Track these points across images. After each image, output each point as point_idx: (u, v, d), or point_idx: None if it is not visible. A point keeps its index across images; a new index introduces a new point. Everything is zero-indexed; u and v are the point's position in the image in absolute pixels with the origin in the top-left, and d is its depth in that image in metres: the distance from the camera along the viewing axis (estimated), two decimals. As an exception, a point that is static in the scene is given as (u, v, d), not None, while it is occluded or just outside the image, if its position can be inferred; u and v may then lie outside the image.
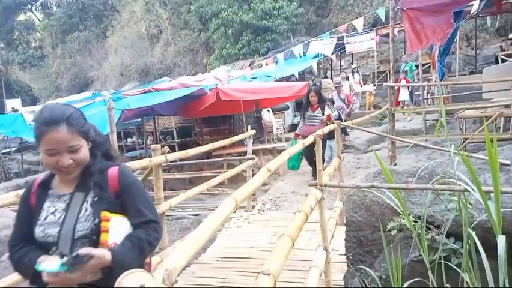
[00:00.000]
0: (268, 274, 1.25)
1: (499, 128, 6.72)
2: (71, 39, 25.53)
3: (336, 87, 8.17)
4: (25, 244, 1.41)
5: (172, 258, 1.00)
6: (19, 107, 19.51)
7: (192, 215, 6.45)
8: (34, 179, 1.55)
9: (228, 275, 3.31)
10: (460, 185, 2.60)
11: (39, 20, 31.20)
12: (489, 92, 7.24)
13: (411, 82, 10.81)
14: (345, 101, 8.32)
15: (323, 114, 6.25)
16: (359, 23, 10.86)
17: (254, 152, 5.33)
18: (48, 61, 27.28)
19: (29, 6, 29.96)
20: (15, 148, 16.94)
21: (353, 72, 12.61)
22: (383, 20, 9.99)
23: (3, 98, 22.61)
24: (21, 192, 2.01)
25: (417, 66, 12.13)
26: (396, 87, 8.83)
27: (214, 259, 3.71)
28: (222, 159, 7.29)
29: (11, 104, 20.37)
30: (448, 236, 3.44)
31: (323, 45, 12.67)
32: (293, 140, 6.82)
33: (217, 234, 4.34)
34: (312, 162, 6.31)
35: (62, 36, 26.37)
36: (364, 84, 13.11)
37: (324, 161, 6.26)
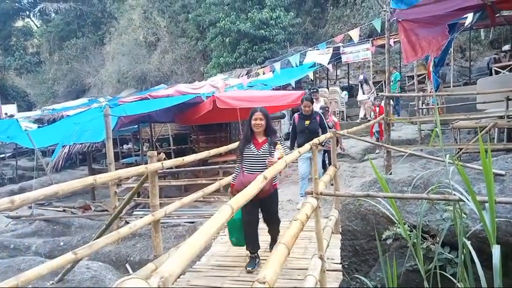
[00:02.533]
0: (264, 283, 1.25)
1: (493, 138, 6.78)
2: (69, 45, 25.56)
3: (322, 113, 7.18)
4: None
5: (168, 265, 0.99)
6: (15, 112, 19.42)
7: (187, 222, 6.43)
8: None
9: (223, 283, 3.28)
10: (454, 194, 2.61)
11: (37, 26, 31.26)
12: (483, 103, 7.33)
13: (395, 92, 10.76)
14: (334, 128, 8.02)
15: (270, 153, 3.61)
16: (355, 33, 10.93)
17: (250, 160, 5.30)
18: (45, 67, 27.21)
19: (27, 12, 30.07)
20: (10, 154, 16.85)
21: (361, 84, 12.47)
22: (379, 31, 10.08)
23: (-2, 104, 22.50)
24: (15, 198, 2.01)
25: (412, 77, 12.21)
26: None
27: (209, 267, 3.68)
28: (218, 166, 7.29)
29: (7, 109, 20.26)
30: (443, 245, 3.44)
31: (319, 54, 12.75)
32: (230, 196, 3.83)
33: (212, 242, 4.31)
34: (254, 240, 3.71)
35: (59, 42, 26.39)
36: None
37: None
